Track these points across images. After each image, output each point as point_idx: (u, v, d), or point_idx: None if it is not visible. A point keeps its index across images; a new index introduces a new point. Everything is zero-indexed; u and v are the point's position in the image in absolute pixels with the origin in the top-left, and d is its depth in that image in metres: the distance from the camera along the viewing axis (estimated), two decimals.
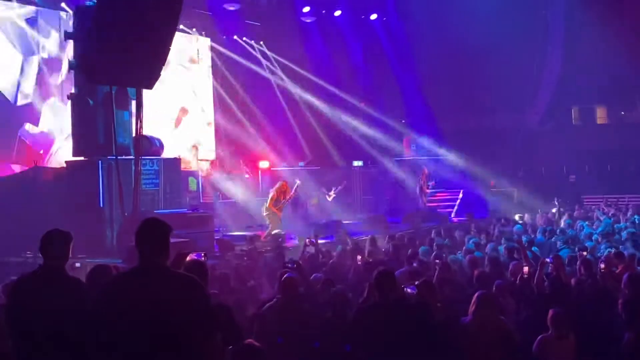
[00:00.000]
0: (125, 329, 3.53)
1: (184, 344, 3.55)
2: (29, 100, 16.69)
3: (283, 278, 6.25)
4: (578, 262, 8.22)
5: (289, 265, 7.65)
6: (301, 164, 20.78)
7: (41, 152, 16.62)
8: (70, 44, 13.54)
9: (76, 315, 4.01)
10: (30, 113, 16.73)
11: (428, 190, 20.46)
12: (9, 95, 16.36)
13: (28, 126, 16.58)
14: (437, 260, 8.49)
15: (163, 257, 3.74)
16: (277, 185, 15.65)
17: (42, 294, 4.33)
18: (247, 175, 19.69)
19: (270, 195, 15.40)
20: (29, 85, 16.71)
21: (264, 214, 15.27)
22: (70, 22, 14.38)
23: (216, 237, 13.42)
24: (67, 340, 4.05)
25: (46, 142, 16.86)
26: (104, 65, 10.38)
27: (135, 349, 3.51)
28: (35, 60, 16.86)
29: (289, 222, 16.36)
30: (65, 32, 12.34)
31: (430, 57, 23.02)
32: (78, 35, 11.93)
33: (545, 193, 20.13)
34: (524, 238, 11.42)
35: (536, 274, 7.51)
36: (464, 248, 11.00)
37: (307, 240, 12.69)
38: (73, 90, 12.82)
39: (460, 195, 21.77)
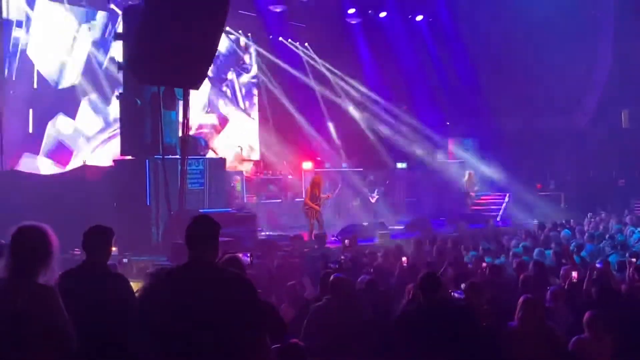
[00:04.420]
0: (173, 326, 3.53)
1: (232, 343, 3.52)
2: (73, 83, 16.85)
3: (332, 278, 6.19)
4: (631, 269, 7.99)
5: (332, 265, 7.63)
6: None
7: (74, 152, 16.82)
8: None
9: (118, 311, 4.03)
10: (70, 101, 16.82)
11: (473, 194, 20.23)
12: (52, 79, 16.49)
13: (61, 121, 16.70)
14: (484, 264, 8.37)
15: (213, 255, 3.77)
16: (310, 179, 15.66)
17: (84, 289, 4.36)
18: (290, 176, 19.74)
19: (306, 190, 15.37)
20: (75, 67, 16.87)
21: (302, 210, 15.17)
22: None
23: (259, 237, 13.47)
24: (107, 336, 4.07)
25: (76, 142, 16.94)
26: (152, 66, 10.54)
27: (182, 348, 3.51)
28: (86, 41, 17.02)
29: (331, 223, 16.32)
30: (115, 33, 12.54)
31: (476, 58, 22.75)
32: (127, 36, 12.12)
33: (594, 197, 19.68)
34: (572, 243, 11.19)
35: (585, 279, 7.37)
36: (511, 252, 10.82)
37: (346, 241, 12.67)
38: (121, 90, 13.05)
39: (506, 199, 21.46)
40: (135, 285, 4.68)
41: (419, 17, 23.83)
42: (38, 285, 3.51)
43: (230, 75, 21.10)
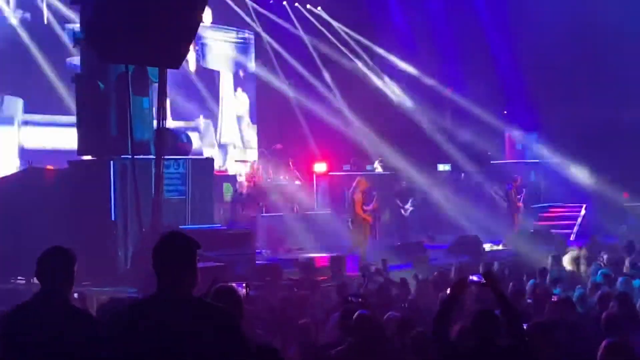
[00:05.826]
0: None
1: None
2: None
3: (356, 316, 6.21)
4: None
5: (353, 299, 7.61)
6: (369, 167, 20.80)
7: None
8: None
9: (82, 354, 4.06)
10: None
11: (520, 204, 20.12)
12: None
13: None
14: (553, 297, 8.35)
15: (187, 283, 3.78)
16: (355, 183, 15.76)
17: (40, 329, 4.38)
18: (298, 182, 19.75)
19: (354, 198, 15.46)
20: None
21: (350, 225, 15.35)
22: None
23: (258, 262, 13.50)
24: None
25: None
26: (119, 39, 10.55)
27: None
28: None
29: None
30: None
31: (543, 35, 22.68)
32: None
33: None
34: None
35: None
36: (588, 282, 10.78)
37: (373, 268, 12.65)
38: (78, 71, 13.09)
39: (583, 212, 21.34)
40: None
41: None
42: None
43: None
